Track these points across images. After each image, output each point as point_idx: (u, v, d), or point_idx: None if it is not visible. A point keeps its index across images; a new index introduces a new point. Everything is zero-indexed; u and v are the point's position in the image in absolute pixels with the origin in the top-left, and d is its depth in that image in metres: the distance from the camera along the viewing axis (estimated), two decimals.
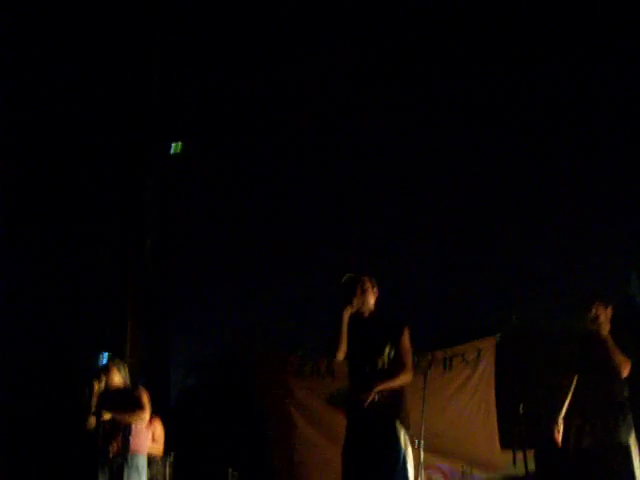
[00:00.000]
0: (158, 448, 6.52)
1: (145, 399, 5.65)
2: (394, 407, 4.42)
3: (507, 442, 6.65)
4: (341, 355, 4.60)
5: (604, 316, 5.18)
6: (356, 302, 4.61)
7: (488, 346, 7.05)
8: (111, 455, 5.45)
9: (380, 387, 4.38)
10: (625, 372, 5.04)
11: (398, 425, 4.34)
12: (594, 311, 5.20)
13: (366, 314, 4.71)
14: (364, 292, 4.69)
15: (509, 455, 6.21)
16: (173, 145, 9.87)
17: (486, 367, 7.08)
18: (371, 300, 4.74)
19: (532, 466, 5.08)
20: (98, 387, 5.62)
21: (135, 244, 9.54)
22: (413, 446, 5.59)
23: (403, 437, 4.32)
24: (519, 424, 5.38)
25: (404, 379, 4.48)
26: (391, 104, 11.02)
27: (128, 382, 5.80)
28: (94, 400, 5.55)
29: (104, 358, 5.86)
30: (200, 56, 10.52)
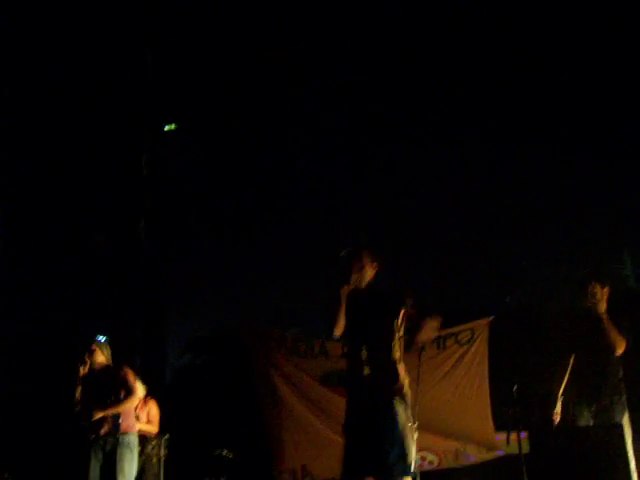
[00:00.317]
0: (153, 428, 6.54)
1: (131, 380, 5.66)
2: (393, 384, 4.40)
3: (501, 423, 6.69)
4: (338, 332, 4.55)
5: (601, 294, 5.19)
6: (354, 278, 4.52)
7: (481, 327, 7.04)
8: (102, 436, 5.48)
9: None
10: (619, 351, 5.06)
11: (397, 402, 4.33)
12: (591, 289, 5.21)
13: (365, 289, 4.60)
14: (362, 267, 4.58)
15: (503, 436, 6.25)
16: (167, 126, 9.85)
17: (479, 347, 7.07)
18: (370, 274, 4.63)
19: (526, 447, 5.09)
20: (83, 371, 5.64)
21: (130, 223, 9.52)
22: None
23: (402, 414, 4.30)
24: (513, 405, 5.40)
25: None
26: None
27: (111, 362, 5.80)
28: (78, 389, 5.60)
29: (100, 340, 5.83)
30: (194, 37, 10.45)
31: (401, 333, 4.56)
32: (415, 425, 5.67)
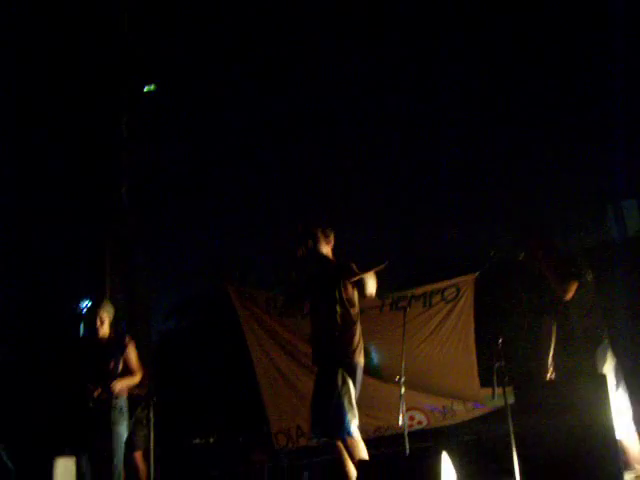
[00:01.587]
0: (142, 392, 6.57)
1: (135, 357, 5.90)
2: (336, 354, 4.76)
3: (486, 380, 6.80)
4: (296, 312, 5.10)
5: (538, 250, 5.15)
6: (301, 253, 4.85)
7: (467, 283, 7.11)
8: (94, 400, 5.56)
9: (366, 278, 4.65)
10: (568, 295, 4.95)
11: (339, 372, 4.68)
12: (528, 250, 5.19)
13: (321, 264, 4.90)
14: (316, 242, 4.88)
15: (488, 391, 6.34)
16: (146, 87, 9.68)
17: (465, 304, 7.15)
18: (324, 249, 4.93)
19: (511, 399, 5.16)
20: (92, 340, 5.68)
21: (111, 188, 9.42)
22: (392, 380, 5.80)
23: (340, 383, 4.65)
24: (498, 358, 5.45)
25: (374, 289, 4.77)
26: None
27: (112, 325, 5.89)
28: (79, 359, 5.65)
29: (86, 305, 5.87)
30: None
31: (351, 304, 4.82)
32: (402, 381, 5.78)
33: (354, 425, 4.65)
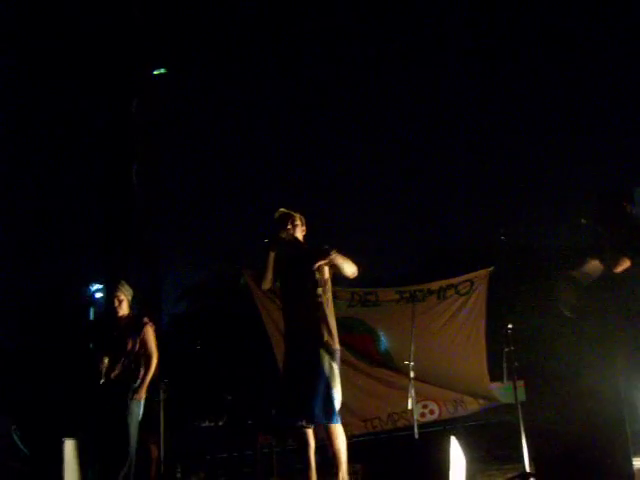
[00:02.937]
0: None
1: (152, 341, 5.90)
2: (319, 337, 4.73)
3: (498, 376, 6.85)
4: (267, 285, 5.03)
5: (611, 214, 5.05)
6: (284, 235, 4.95)
7: (481, 278, 7.11)
8: (112, 381, 5.65)
9: (335, 256, 4.75)
10: (617, 268, 4.76)
11: (322, 354, 4.66)
12: (600, 213, 5.07)
13: (293, 250, 5.02)
14: (294, 227, 5.05)
15: (499, 384, 6.35)
16: (156, 70, 9.68)
17: (478, 299, 7.15)
18: (299, 235, 5.09)
19: (522, 396, 5.17)
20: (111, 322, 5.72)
21: (122, 168, 9.43)
22: (401, 363, 5.84)
23: (327, 366, 4.65)
24: (507, 343, 5.42)
25: (353, 267, 4.86)
26: None
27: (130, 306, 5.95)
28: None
29: (96, 290, 5.91)
30: None
31: (328, 288, 4.91)
32: (412, 365, 5.81)
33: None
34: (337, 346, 4.80)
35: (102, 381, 5.66)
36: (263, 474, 7.31)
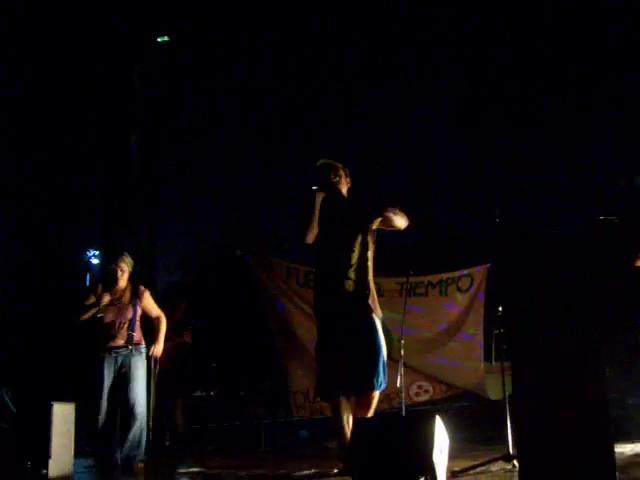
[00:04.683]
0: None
1: (153, 303, 6.07)
2: (367, 301, 4.50)
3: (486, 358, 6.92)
4: (311, 238, 4.51)
5: None
6: (329, 185, 4.54)
7: (480, 274, 7.17)
8: (115, 348, 5.72)
9: (389, 211, 4.44)
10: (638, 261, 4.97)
11: (375, 318, 4.51)
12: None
13: (339, 203, 4.62)
14: (338, 177, 4.63)
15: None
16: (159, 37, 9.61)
17: (477, 292, 7.21)
18: (343, 189, 4.68)
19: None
20: (111, 296, 5.77)
21: (120, 137, 9.40)
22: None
23: (378, 326, 4.49)
24: (497, 325, 5.46)
25: (405, 219, 4.56)
26: None
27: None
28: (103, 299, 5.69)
29: (93, 255, 5.93)
30: None
31: (374, 249, 4.60)
32: (403, 343, 5.84)
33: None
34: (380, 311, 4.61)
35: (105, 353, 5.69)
36: (251, 445, 7.37)
